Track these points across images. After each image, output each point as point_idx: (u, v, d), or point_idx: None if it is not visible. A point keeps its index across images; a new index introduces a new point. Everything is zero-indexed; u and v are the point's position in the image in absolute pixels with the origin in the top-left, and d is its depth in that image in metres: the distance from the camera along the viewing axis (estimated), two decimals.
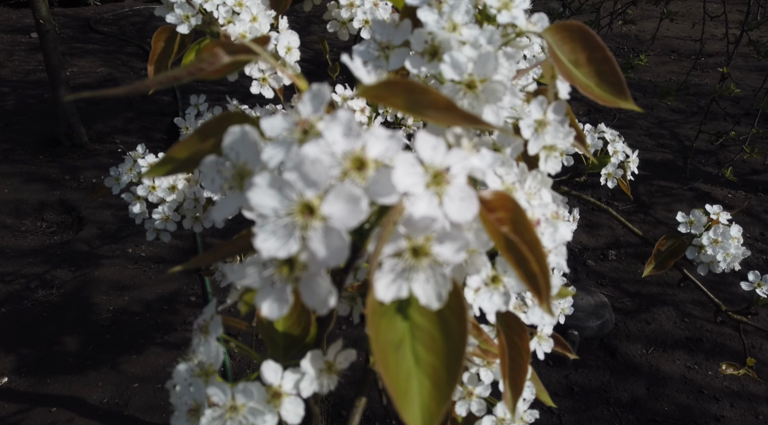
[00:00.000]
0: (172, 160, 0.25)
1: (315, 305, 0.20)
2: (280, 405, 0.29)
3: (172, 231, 0.77)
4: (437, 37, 0.32)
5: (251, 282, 0.21)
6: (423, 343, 0.21)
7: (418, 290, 0.19)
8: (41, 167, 2.76)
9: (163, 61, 0.59)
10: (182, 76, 0.23)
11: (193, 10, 0.57)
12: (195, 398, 0.29)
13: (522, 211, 0.22)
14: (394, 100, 0.21)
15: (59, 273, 2.13)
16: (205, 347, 0.31)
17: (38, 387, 1.69)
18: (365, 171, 0.19)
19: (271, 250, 0.19)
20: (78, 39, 4.30)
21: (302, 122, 0.20)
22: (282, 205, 0.19)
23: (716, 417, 1.70)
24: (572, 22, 0.33)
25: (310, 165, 0.19)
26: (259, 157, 0.21)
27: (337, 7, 0.71)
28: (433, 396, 0.20)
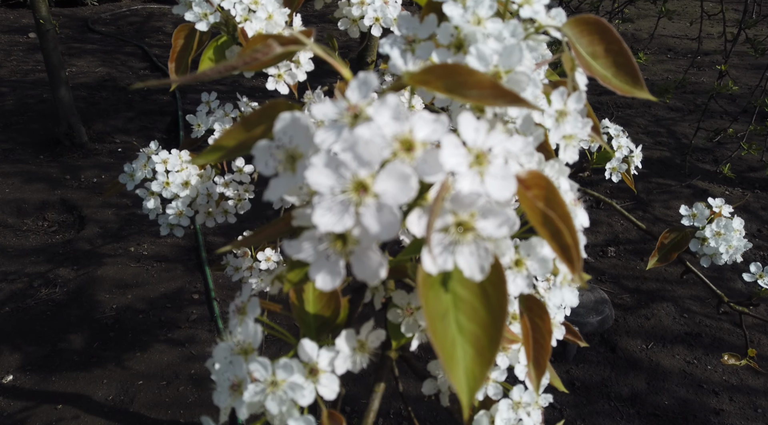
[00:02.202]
0: (220, 147, 0.26)
1: (366, 277, 0.21)
2: (317, 381, 0.31)
3: (185, 226, 0.78)
4: (463, 31, 0.34)
5: (306, 256, 0.22)
6: (465, 314, 0.22)
7: (462, 263, 0.21)
8: (42, 167, 2.77)
9: (183, 58, 0.60)
10: (239, 66, 0.25)
11: (211, 8, 0.58)
12: (236, 374, 0.31)
13: (554, 189, 0.24)
14: (438, 84, 0.22)
15: (62, 271, 2.14)
16: (243, 327, 0.33)
17: (43, 384, 1.70)
18: (413, 151, 0.21)
19: (328, 225, 0.21)
20: (76, 39, 4.30)
21: (352, 107, 0.22)
22: (337, 183, 0.21)
23: (715, 410, 1.72)
24: (590, 16, 0.35)
25: (363, 146, 0.20)
26: (311, 140, 0.23)
27: (348, 5, 0.72)
28: (476, 361, 0.21)
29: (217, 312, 1.97)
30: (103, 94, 3.48)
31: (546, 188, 0.24)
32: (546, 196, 0.23)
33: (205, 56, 0.59)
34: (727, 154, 2.97)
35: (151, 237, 2.33)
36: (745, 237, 0.81)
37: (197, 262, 2.21)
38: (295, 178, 0.23)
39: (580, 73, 0.36)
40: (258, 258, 0.87)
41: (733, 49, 1.88)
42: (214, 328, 1.92)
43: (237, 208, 0.80)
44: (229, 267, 0.87)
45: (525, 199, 0.23)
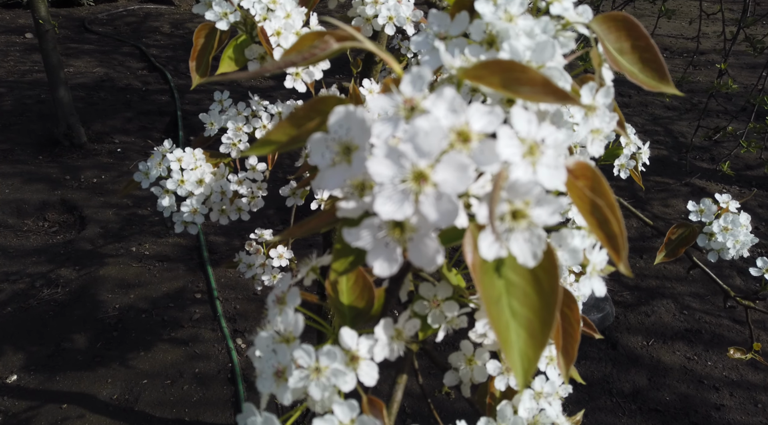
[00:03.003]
0: (269, 141, 0.27)
1: (423, 263, 0.22)
2: (357, 368, 0.32)
3: (199, 223, 0.79)
4: (495, 27, 0.35)
5: (364, 243, 0.23)
6: (517, 298, 0.23)
7: (516, 250, 0.22)
8: (41, 167, 2.77)
9: (203, 56, 0.61)
10: (298, 61, 0.25)
11: (231, 7, 0.59)
12: (280, 361, 0.32)
13: (600, 178, 0.25)
14: (492, 79, 0.23)
15: (64, 272, 2.14)
16: (283, 316, 0.34)
17: (48, 384, 1.70)
18: (469, 142, 0.22)
19: (389, 213, 0.21)
20: (73, 39, 4.30)
21: (408, 100, 0.23)
22: (397, 173, 0.22)
23: (716, 405, 1.74)
24: (618, 12, 0.36)
25: (423, 137, 0.21)
26: (367, 132, 0.24)
27: (362, 3, 0.73)
28: (529, 344, 0.22)
29: (220, 311, 1.97)
30: (101, 94, 3.48)
31: (592, 178, 0.25)
32: (592, 186, 0.24)
33: (225, 55, 0.60)
34: (724, 153, 2.99)
35: (152, 237, 2.33)
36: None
37: (199, 262, 2.22)
38: (351, 168, 0.24)
39: (607, 69, 0.37)
40: (270, 255, 0.88)
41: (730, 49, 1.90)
42: (218, 327, 1.93)
43: (251, 205, 0.81)
44: (241, 265, 0.88)
45: (574, 188, 0.24)
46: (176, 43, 4.33)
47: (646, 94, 3.54)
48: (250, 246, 0.89)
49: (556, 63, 0.33)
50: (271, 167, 0.82)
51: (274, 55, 0.60)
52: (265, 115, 0.82)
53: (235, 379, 1.73)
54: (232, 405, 1.66)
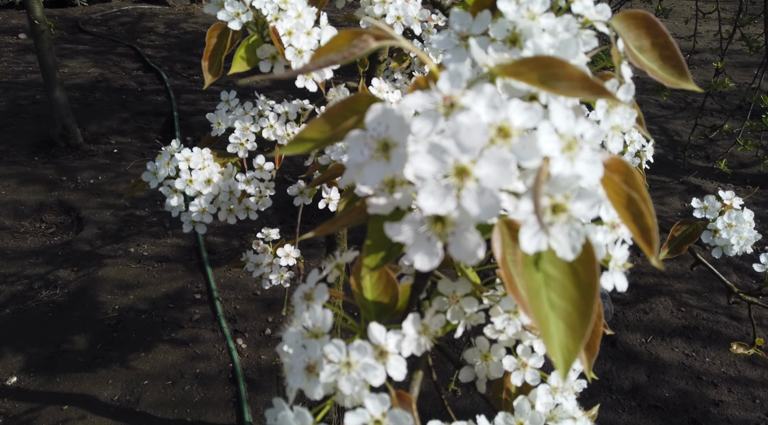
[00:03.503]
0: (303, 139, 0.28)
1: (464, 257, 0.23)
2: (387, 362, 0.32)
3: (207, 223, 0.79)
4: (518, 26, 0.35)
5: (405, 238, 0.23)
6: (555, 291, 0.24)
7: (555, 243, 0.22)
8: (37, 168, 2.76)
9: (215, 56, 0.61)
10: (337, 60, 0.26)
11: (244, 7, 0.59)
12: (311, 356, 0.32)
13: (633, 173, 0.25)
14: (531, 75, 0.24)
15: (62, 273, 2.14)
16: (311, 312, 0.34)
17: (48, 385, 1.70)
18: (509, 138, 0.22)
19: (432, 208, 0.22)
20: (67, 40, 4.28)
21: (448, 97, 0.23)
22: (439, 169, 0.22)
23: (715, 401, 1.75)
24: (638, 11, 0.36)
25: (465, 133, 0.22)
26: (406, 129, 0.24)
27: (370, 3, 0.74)
28: (568, 335, 0.23)
29: (220, 311, 1.97)
30: (96, 94, 3.47)
31: (625, 173, 0.25)
32: (626, 180, 0.25)
33: (237, 55, 0.60)
34: (719, 151, 3.02)
35: (150, 238, 2.33)
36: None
37: (198, 262, 2.21)
38: (390, 165, 0.24)
39: (626, 66, 0.38)
40: (278, 254, 0.89)
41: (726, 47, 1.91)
42: (218, 327, 1.92)
43: (258, 204, 0.81)
44: (249, 264, 0.88)
45: (610, 182, 0.25)
46: (171, 43, 4.32)
47: (641, 93, 3.56)
48: (257, 246, 0.89)
49: (579, 61, 0.34)
50: (278, 166, 0.83)
51: (285, 54, 0.61)
52: (272, 114, 0.83)
53: (236, 379, 1.73)
54: (233, 405, 1.66)
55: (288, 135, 0.83)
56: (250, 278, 2.13)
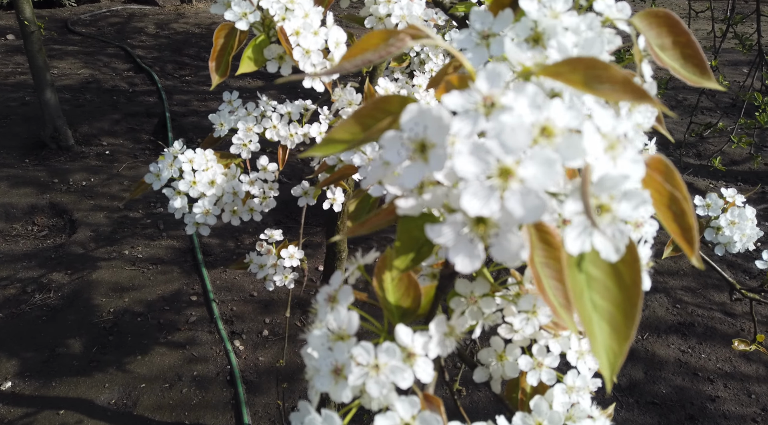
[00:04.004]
0: (333, 140, 0.27)
1: (506, 259, 0.22)
2: (414, 365, 0.32)
3: (211, 224, 0.79)
4: (541, 24, 0.35)
5: (446, 240, 0.23)
6: (598, 292, 0.23)
7: (599, 244, 0.22)
8: (28, 171, 2.73)
9: (222, 57, 0.60)
10: (375, 59, 0.26)
11: (251, 7, 0.59)
12: (337, 359, 0.32)
13: (673, 171, 0.25)
14: (572, 77, 0.23)
15: (55, 276, 2.12)
16: (335, 314, 0.34)
17: (44, 390, 1.68)
18: (552, 138, 0.22)
19: (476, 209, 0.22)
20: (56, 40, 4.24)
21: (488, 97, 0.23)
22: (482, 170, 0.22)
23: (711, 397, 1.76)
24: (659, 9, 0.36)
25: (510, 133, 0.21)
26: (444, 129, 0.24)
27: (375, 3, 0.73)
28: (612, 337, 0.23)
29: (217, 313, 1.96)
30: (87, 96, 3.44)
31: (665, 172, 0.25)
32: (667, 179, 0.25)
33: (245, 55, 0.60)
34: (710, 148, 3.04)
35: (145, 240, 2.31)
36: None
37: (193, 264, 2.20)
38: (428, 165, 0.24)
39: (647, 64, 0.38)
40: (282, 256, 0.88)
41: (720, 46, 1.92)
42: (215, 329, 1.91)
43: (262, 205, 0.81)
44: (253, 265, 0.87)
45: (653, 182, 0.24)
46: (162, 43, 4.29)
47: None
48: (261, 247, 0.89)
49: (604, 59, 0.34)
50: (282, 167, 0.82)
51: (293, 54, 0.60)
52: (275, 115, 0.82)
53: (234, 381, 1.72)
54: (232, 407, 1.66)
55: (291, 135, 0.82)
56: (246, 279, 2.12)
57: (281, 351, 1.85)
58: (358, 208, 0.58)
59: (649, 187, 0.25)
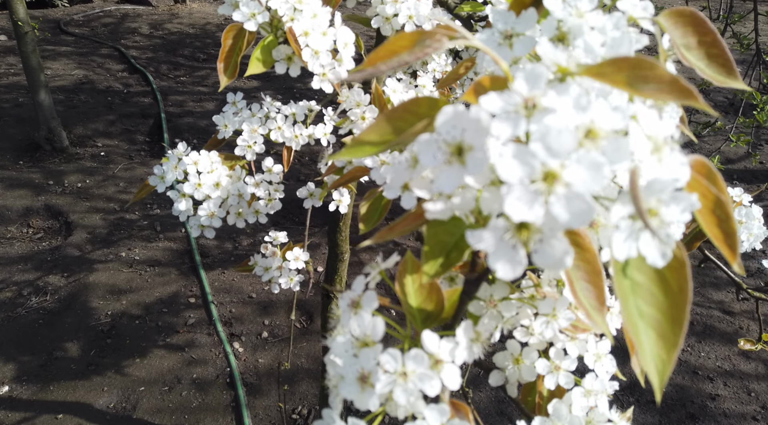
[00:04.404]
0: (362, 143, 0.27)
1: (549, 265, 0.22)
2: (441, 371, 0.31)
3: (217, 227, 0.78)
4: (567, 24, 0.34)
5: (486, 246, 0.23)
6: (643, 299, 0.23)
7: (645, 249, 0.22)
8: (23, 173, 2.71)
9: (231, 58, 0.60)
10: (410, 61, 0.25)
11: (260, 7, 0.58)
12: (364, 366, 0.31)
13: (715, 174, 0.25)
14: (617, 77, 0.23)
15: (52, 279, 2.10)
16: (359, 320, 0.33)
17: (41, 394, 1.67)
18: (597, 141, 0.21)
19: (520, 215, 0.21)
20: (49, 41, 4.21)
21: (530, 99, 0.22)
22: (526, 174, 0.21)
23: (711, 395, 1.76)
24: (685, 8, 0.36)
25: (555, 135, 0.21)
26: (483, 132, 0.23)
27: (382, 2, 0.72)
28: (659, 344, 0.22)
29: (215, 315, 1.95)
30: (81, 97, 3.41)
31: (708, 175, 0.25)
32: (710, 182, 0.24)
33: (253, 56, 0.59)
34: (705, 147, 3.05)
35: (142, 242, 2.30)
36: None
37: (191, 265, 2.19)
38: (466, 169, 0.23)
39: (671, 64, 0.37)
40: (287, 258, 0.87)
41: None
42: (213, 331, 1.90)
43: (268, 207, 0.80)
44: (257, 268, 0.86)
45: (698, 184, 0.24)
46: (156, 44, 4.27)
47: None
48: (266, 249, 0.88)
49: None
50: (287, 168, 0.81)
51: (302, 55, 0.59)
52: (280, 116, 0.81)
53: (234, 384, 1.71)
54: (232, 410, 1.65)
55: (296, 137, 0.82)
56: (244, 281, 2.11)
57: (281, 352, 1.84)
58: (370, 210, 0.57)
59: (695, 190, 0.25)
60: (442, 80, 0.57)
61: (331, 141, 0.84)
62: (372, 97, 0.71)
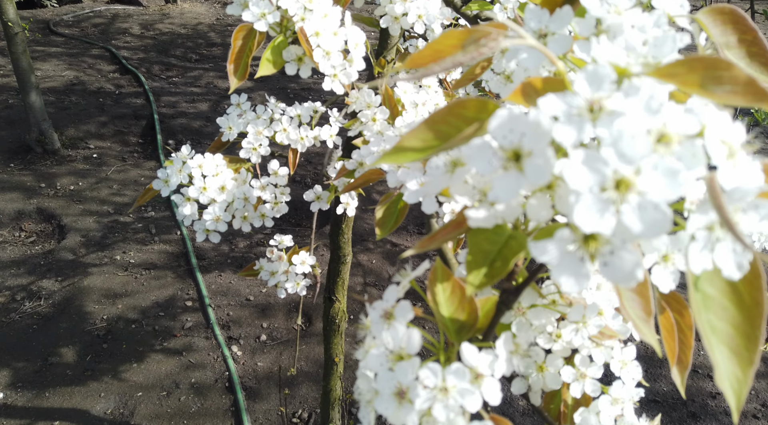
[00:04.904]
0: (404, 148, 0.25)
1: (618, 279, 0.21)
2: (481, 386, 0.30)
3: (222, 231, 0.76)
4: (606, 22, 0.33)
5: (550, 258, 0.21)
6: (715, 313, 0.22)
7: (721, 261, 0.20)
8: (14, 175, 2.67)
9: (241, 59, 0.58)
10: (465, 61, 0.24)
11: (270, 7, 0.56)
12: (401, 381, 0.30)
13: None
14: (689, 78, 0.22)
15: (45, 283, 2.07)
16: (392, 332, 0.31)
17: (37, 401, 1.64)
18: (670, 146, 0.20)
19: (590, 225, 0.20)
20: (38, 42, 4.16)
21: (596, 101, 0.21)
22: (597, 181, 0.20)
23: (712, 394, 1.76)
24: (725, 5, 0.35)
25: (629, 141, 0.20)
26: (544, 137, 0.22)
27: (391, 2, 0.71)
28: (733, 361, 0.21)
29: (213, 318, 1.93)
30: (72, 98, 3.37)
31: None
32: None
33: (263, 57, 0.57)
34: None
35: (136, 245, 2.27)
36: None
37: (187, 268, 2.16)
38: (525, 176, 0.22)
39: None
40: (293, 262, 0.86)
41: None
42: (211, 335, 1.88)
43: (274, 211, 0.78)
44: (263, 272, 0.85)
45: None
46: (147, 44, 4.23)
47: None
48: (271, 253, 0.86)
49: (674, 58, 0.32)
50: (293, 171, 0.80)
51: (313, 56, 0.58)
52: (285, 118, 0.80)
53: (233, 388, 1.69)
54: (232, 414, 1.63)
55: (302, 138, 0.80)
56: (241, 284, 2.09)
57: (279, 356, 1.82)
58: (386, 215, 0.56)
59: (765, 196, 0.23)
60: (458, 80, 0.56)
61: (337, 143, 0.82)
62: (383, 98, 0.69)
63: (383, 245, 2.32)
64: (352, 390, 1.72)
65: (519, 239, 0.29)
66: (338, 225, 1.13)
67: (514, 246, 0.28)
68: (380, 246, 2.31)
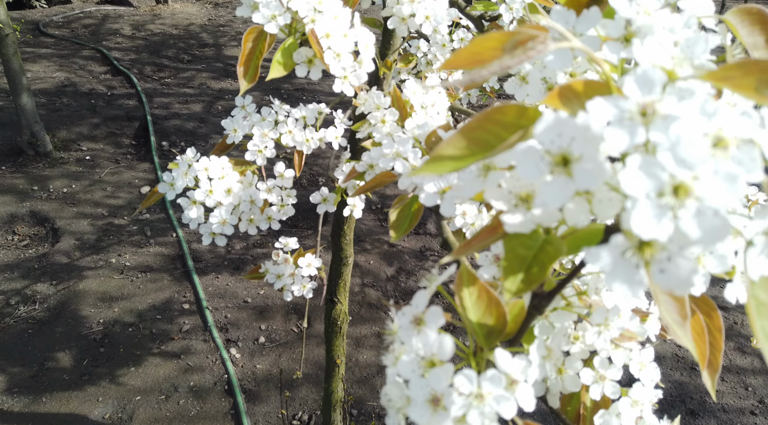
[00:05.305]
0: (442, 157, 0.25)
1: (674, 286, 0.20)
2: (515, 392, 0.30)
3: (228, 234, 0.75)
4: (635, 23, 0.33)
5: (603, 264, 0.21)
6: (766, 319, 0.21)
7: None
8: (6, 178, 2.64)
9: (251, 61, 0.57)
10: (512, 65, 0.23)
11: (281, 8, 0.56)
12: (434, 388, 0.29)
13: None
14: (744, 81, 0.21)
15: (40, 287, 2.05)
16: (423, 338, 0.31)
17: (34, 406, 1.62)
18: (727, 149, 0.20)
19: (648, 232, 0.19)
20: (28, 43, 4.12)
21: (648, 104, 0.21)
22: (653, 187, 0.20)
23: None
24: (752, 6, 0.35)
25: (687, 145, 0.19)
26: (593, 141, 0.21)
27: (398, 3, 0.71)
28: None
29: (211, 321, 1.92)
30: (63, 99, 3.34)
31: None
32: None
33: (274, 59, 0.56)
34: None
35: (132, 247, 2.25)
36: None
37: (183, 271, 2.15)
38: (574, 181, 0.22)
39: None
40: (299, 265, 0.85)
41: None
42: (209, 338, 1.87)
43: (280, 213, 0.78)
44: (269, 275, 0.84)
45: None
46: (139, 45, 4.20)
47: None
48: (277, 256, 0.85)
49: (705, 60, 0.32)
50: (299, 173, 0.79)
51: (324, 58, 0.57)
52: (290, 120, 0.79)
53: (232, 390, 1.68)
54: (231, 417, 1.62)
55: (307, 140, 0.79)
56: (239, 286, 2.08)
57: (279, 358, 1.81)
58: (400, 217, 0.55)
59: None
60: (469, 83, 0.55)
61: (342, 144, 0.81)
62: (392, 99, 0.69)
63: (380, 246, 2.31)
64: (353, 391, 1.72)
65: (555, 244, 0.28)
66: (340, 226, 1.13)
67: (551, 252, 0.28)
68: (377, 247, 2.30)
